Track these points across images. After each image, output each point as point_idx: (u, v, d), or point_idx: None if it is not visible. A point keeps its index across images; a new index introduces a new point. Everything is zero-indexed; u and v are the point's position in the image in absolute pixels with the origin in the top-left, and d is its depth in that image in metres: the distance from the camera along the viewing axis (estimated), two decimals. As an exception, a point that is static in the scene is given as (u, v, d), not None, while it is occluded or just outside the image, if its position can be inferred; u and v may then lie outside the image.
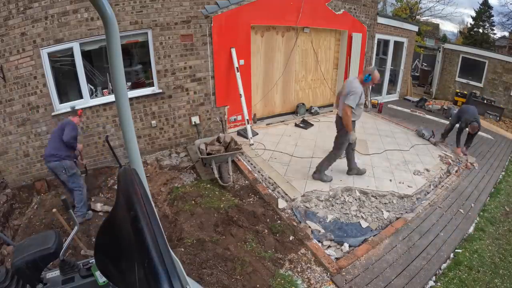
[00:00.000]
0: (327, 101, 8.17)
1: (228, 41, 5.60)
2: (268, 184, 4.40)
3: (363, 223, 3.69)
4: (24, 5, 4.03)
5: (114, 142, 5.07)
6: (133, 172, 0.96)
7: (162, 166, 5.15)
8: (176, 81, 5.37)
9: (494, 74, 10.36)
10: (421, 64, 14.69)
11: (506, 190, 4.92)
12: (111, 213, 0.99)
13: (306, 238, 3.39)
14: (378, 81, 3.99)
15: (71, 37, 4.41)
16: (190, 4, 5.10)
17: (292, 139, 5.95)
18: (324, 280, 2.93)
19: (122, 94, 1.09)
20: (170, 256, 0.60)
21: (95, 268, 1.53)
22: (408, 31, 9.37)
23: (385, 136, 6.31)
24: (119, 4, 4.56)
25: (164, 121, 5.49)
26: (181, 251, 3.02)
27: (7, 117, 4.37)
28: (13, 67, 4.21)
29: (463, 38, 23.98)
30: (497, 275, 3.14)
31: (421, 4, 18.48)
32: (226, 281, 2.71)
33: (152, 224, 0.67)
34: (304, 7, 6.29)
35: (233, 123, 6.25)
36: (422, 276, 2.96)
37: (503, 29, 22.45)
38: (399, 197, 4.21)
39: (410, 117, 8.13)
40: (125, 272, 0.79)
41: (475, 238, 3.66)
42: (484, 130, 7.88)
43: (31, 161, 4.67)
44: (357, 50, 7.55)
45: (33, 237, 1.64)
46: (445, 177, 4.91)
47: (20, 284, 1.38)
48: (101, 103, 4.90)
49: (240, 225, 3.57)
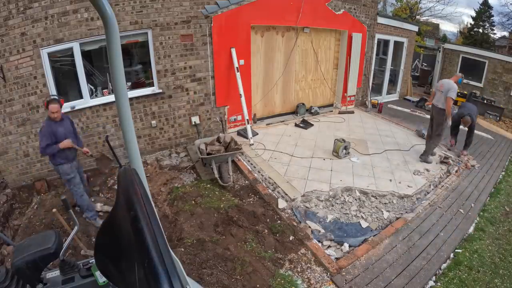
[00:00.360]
0: (327, 101, 8.17)
1: (228, 41, 5.60)
2: (268, 184, 4.40)
3: (363, 223, 3.69)
4: (24, 5, 4.03)
5: (114, 142, 5.06)
6: (133, 172, 0.96)
7: (162, 166, 5.15)
8: (176, 81, 5.37)
9: (494, 74, 10.36)
10: (421, 64, 14.68)
11: (506, 190, 4.92)
12: (111, 213, 0.99)
13: (306, 238, 3.39)
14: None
15: (71, 37, 4.41)
16: (190, 4, 5.10)
17: (292, 139, 5.95)
18: (324, 280, 2.93)
19: (122, 94, 1.09)
20: (170, 256, 0.60)
21: (95, 268, 1.53)
22: (408, 31, 9.36)
23: (385, 136, 6.31)
24: (119, 4, 4.56)
25: (164, 121, 5.49)
26: (181, 251, 3.02)
27: (7, 117, 4.37)
28: (13, 67, 4.20)
29: (463, 38, 23.98)
30: (497, 275, 3.14)
31: (421, 4, 18.50)
32: (226, 281, 2.71)
33: (152, 224, 0.67)
34: (304, 7, 6.29)
35: (233, 123, 6.25)
36: (422, 276, 2.96)
37: (503, 29, 22.46)
38: (399, 197, 4.21)
39: (410, 117, 8.13)
40: (125, 272, 0.79)
41: (475, 238, 3.66)
42: (484, 130, 7.88)
43: (31, 161, 4.67)
44: (357, 50, 7.55)
45: (33, 237, 1.64)
46: (445, 177, 4.91)
47: (20, 284, 1.38)
48: (101, 103, 4.90)
49: (240, 225, 3.57)
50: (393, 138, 6.23)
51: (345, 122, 7.11)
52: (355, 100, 8.33)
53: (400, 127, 7.05)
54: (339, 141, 5.20)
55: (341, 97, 8.06)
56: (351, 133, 6.42)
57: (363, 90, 8.52)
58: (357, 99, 8.40)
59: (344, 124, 6.97)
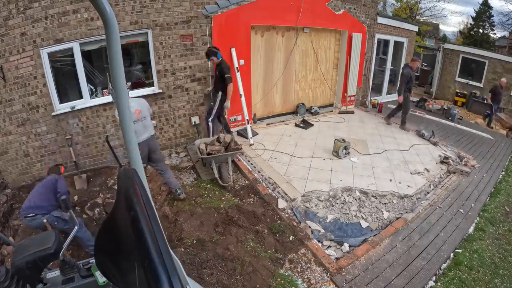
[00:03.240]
0: (327, 101, 8.17)
1: (228, 41, 5.60)
2: (268, 184, 4.40)
3: (363, 223, 3.69)
4: (24, 5, 4.03)
5: (114, 142, 5.06)
6: (133, 172, 0.96)
7: (162, 166, 5.15)
8: (176, 81, 5.36)
9: (494, 74, 10.36)
10: (421, 64, 14.68)
11: (506, 190, 4.92)
12: (111, 213, 0.99)
13: (306, 238, 3.39)
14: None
15: (71, 37, 4.41)
16: (190, 4, 5.10)
17: (292, 139, 5.95)
18: (324, 280, 2.93)
19: (122, 94, 1.09)
20: (170, 256, 0.60)
21: (95, 268, 1.53)
22: (408, 31, 9.36)
23: (385, 136, 6.31)
24: (119, 4, 4.56)
25: (164, 121, 5.49)
26: (181, 251, 3.02)
27: (7, 117, 4.37)
28: (13, 67, 4.21)
29: (463, 38, 24.01)
30: (497, 275, 3.14)
31: (421, 4, 18.50)
32: (226, 281, 2.71)
33: (152, 224, 0.66)
34: (304, 7, 6.29)
35: (233, 123, 6.25)
36: (422, 276, 2.96)
37: (503, 29, 22.46)
38: (399, 197, 4.21)
39: (410, 117, 8.10)
40: (125, 272, 0.79)
41: (475, 238, 3.66)
42: (484, 130, 7.89)
43: (31, 161, 4.68)
44: (357, 50, 7.55)
45: (33, 237, 1.64)
46: (445, 177, 4.91)
47: (20, 284, 1.38)
48: (101, 103, 4.90)
49: (240, 225, 3.57)
50: (393, 138, 6.23)
51: (345, 122, 7.11)
52: (355, 100, 8.33)
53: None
54: (339, 141, 5.20)
55: (341, 97, 8.05)
56: (351, 133, 6.42)
57: (363, 90, 8.52)
58: (357, 99, 8.40)
59: (344, 124, 6.97)
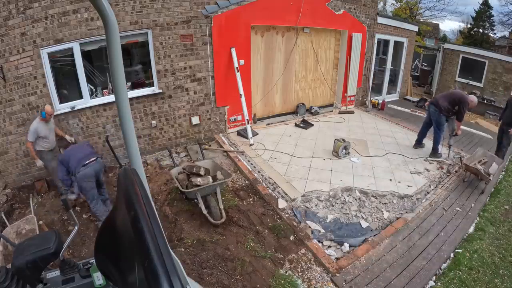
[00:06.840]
0: (327, 101, 8.17)
1: (228, 41, 5.60)
2: (268, 184, 4.39)
3: (363, 223, 3.68)
4: (24, 5, 4.03)
5: (114, 142, 5.06)
6: (133, 172, 0.96)
7: (162, 166, 5.15)
8: (176, 81, 5.36)
9: (494, 74, 10.35)
10: (421, 64, 14.67)
11: (506, 190, 4.92)
12: (111, 213, 0.99)
13: (306, 238, 3.39)
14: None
15: (71, 37, 4.41)
16: (190, 4, 5.10)
17: (292, 139, 5.95)
18: (324, 280, 2.93)
19: (122, 94, 1.09)
20: (170, 256, 0.60)
21: (94, 270, 1.53)
22: (408, 31, 9.36)
23: (385, 136, 6.30)
24: (119, 4, 4.56)
25: (164, 121, 5.49)
26: (181, 251, 3.03)
27: (7, 117, 4.37)
28: (13, 67, 4.20)
29: (463, 38, 23.99)
30: (497, 275, 3.14)
31: (421, 4, 18.50)
32: (226, 281, 2.71)
33: (152, 224, 0.67)
34: (304, 7, 6.28)
35: (233, 123, 6.25)
36: (422, 276, 2.96)
37: (503, 29, 22.45)
38: (399, 197, 4.20)
39: (410, 117, 8.13)
40: (125, 272, 0.79)
41: (475, 238, 3.65)
42: (484, 130, 7.88)
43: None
44: (357, 50, 7.54)
45: (33, 237, 1.64)
46: (445, 177, 4.91)
47: (20, 284, 1.38)
48: (101, 103, 4.90)
49: (240, 225, 3.57)
50: (393, 138, 6.23)
51: (345, 122, 7.11)
52: (355, 100, 8.33)
53: (400, 127, 7.05)
54: (339, 141, 5.20)
55: (341, 97, 8.05)
56: (351, 133, 6.42)
57: (363, 90, 8.52)
58: (357, 99, 8.40)
59: (344, 124, 6.97)
